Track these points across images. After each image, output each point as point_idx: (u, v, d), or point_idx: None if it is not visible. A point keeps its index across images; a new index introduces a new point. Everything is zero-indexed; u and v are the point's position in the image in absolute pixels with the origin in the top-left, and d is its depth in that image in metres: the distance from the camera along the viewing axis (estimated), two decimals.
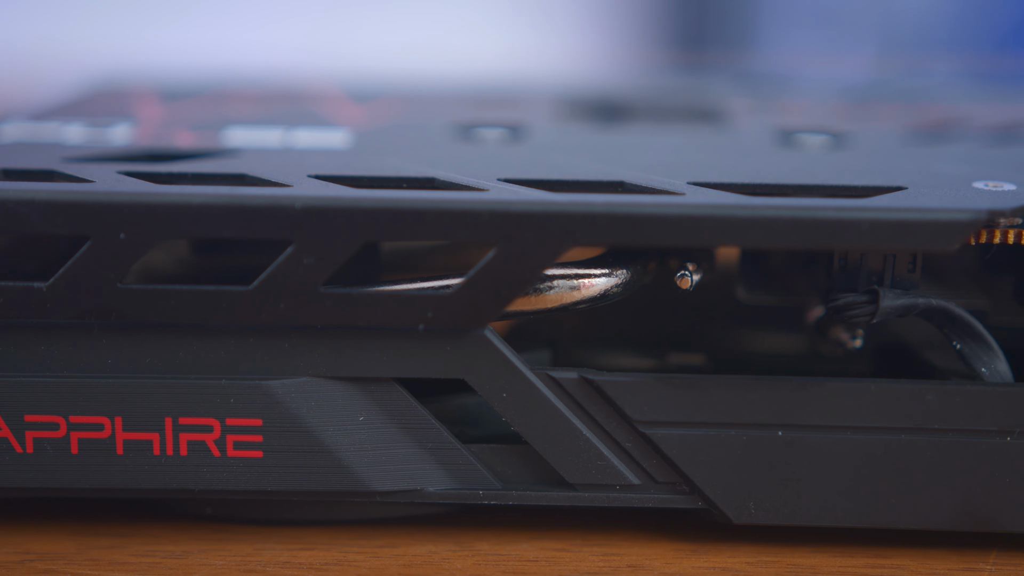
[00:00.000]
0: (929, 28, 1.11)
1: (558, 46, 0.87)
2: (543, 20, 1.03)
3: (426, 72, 0.43)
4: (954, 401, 0.25)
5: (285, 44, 0.53)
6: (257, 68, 0.43)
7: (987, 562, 0.26)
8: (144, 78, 0.41)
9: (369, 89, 0.39)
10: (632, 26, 1.11)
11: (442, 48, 0.54)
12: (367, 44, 0.58)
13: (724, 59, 0.85)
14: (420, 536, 0.27)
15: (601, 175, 0.27)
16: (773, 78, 0.45)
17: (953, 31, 1.11)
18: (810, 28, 1.12)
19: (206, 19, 0.91)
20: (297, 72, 0.42)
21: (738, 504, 0.26)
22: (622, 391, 0.25)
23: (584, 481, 0.26)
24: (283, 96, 0.38)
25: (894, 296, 0.26)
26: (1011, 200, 0.25)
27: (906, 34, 1.12)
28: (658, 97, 0.39)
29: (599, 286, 0.26)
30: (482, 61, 0.46)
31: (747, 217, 0.24)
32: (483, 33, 0.96)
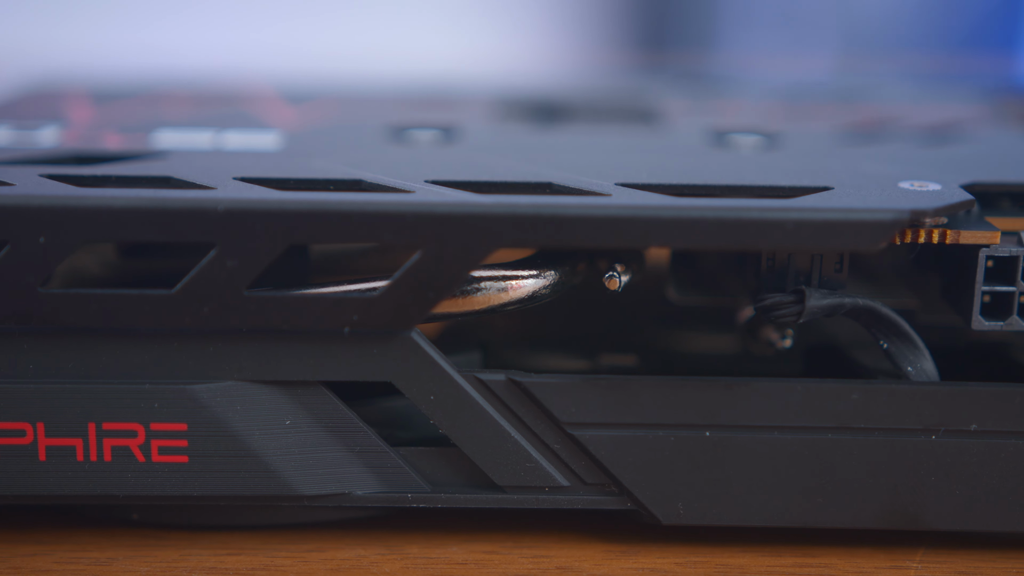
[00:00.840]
0: (889, 28, 1.12)
1: (501, 47, 0.87)
2: (487, 20, 1.03)
3: (365, 73, 0.42)
4: (879, 400, 0.25)
5: (221, 45, 0.53)
6: (192, 69, 0.42)
7: (914, 560, 0.26)
8: (76, 80, 0.40)
9: (304, 90, 0.39)
10: (583, 26, 1.11)
11: (382, 49, 0.53)
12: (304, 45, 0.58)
13: (679, 59, 0.85)
14: (349, 540, 0.26)
15: (530, 176, 0.27)
16: (713, 78, 0.45)
17: (913, 31, 1.12)
18: (768, 28, 1.13)
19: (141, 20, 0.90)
20: (232, 74, 0.41)
21: (667, 505, 0.26)
22: (550, 393, 0.25)
23: (513, 483, 0.26)
24: (217, 98, 0.38)
25: (820, 296, 0.26)
26: (934, 200, 0.25)
27: (865, 34, 1.13)
28: (597, 98, 0.39)
29: (528, 288, 0.26)
30: (423, 62, 0.46)
31: (672, 218, 0.24)
32: (425, 34, 0.96)
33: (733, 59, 0.91)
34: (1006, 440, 0.25)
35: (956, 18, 1.12)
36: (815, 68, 0.79)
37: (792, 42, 1.11)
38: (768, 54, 1.07)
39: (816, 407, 0.25)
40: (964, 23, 1.13)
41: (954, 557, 0.26)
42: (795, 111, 0.37)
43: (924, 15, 1.11)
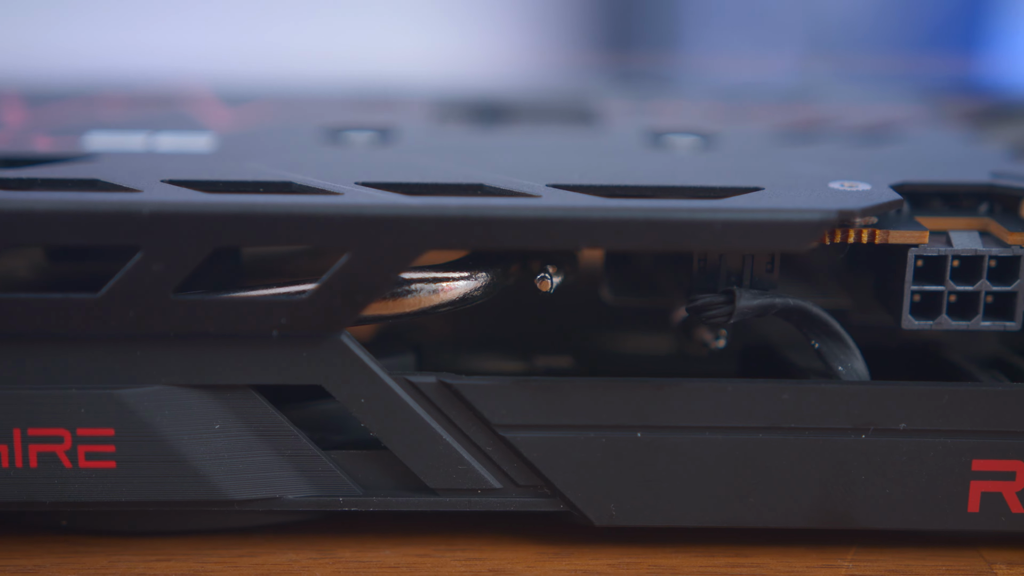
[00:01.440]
0: (834, 28, 1.13)
1: (446, 48, 0.86)
2: (431, 21, 1.03)
3: (305, 74, 0.42)
4: (810, 400, 0.25)
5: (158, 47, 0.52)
6: (128, 71, 0.42)
7: (846, 558, 0.26)
8: (7, 82, 0.40)
9: (242, 92, 0.38)
10: (530, 26, 1.11)
11: (323, 50, 0.53)
12: (243, 47, 0.58)
13: (626, 60, 0.85)
14: (280, 544, 0.26)
15: (462, 178, 0.27)
16: (657, 79, 0.45)
17: (857, 31, 1.13)
18: (718, 28, 1.13)
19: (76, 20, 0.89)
20: (169, 75, 0.41)
21: (599, 506, 0.26)
22: (481, 395, 0.25)
23: (445, 486, 0.26)
24: (153, 100, 0.37)
25: (751, 296, 0.26)
26: (862, 200, 0.25)
27: (812, 34, 1.13)
28: (539, 99, 0.39)
29: (460, 289, 0.26)
30: (365, 63, 0.46)
31: (600, 219, 0.24)
32: (368, 34, 0.95)
33: (679, 59, 0.91)
34: (935, 438, 0.26)
35: (900, 18, 1.13)
36: (764, 68, 0.79)
37: (741, 42, 1.11)
38: (717, 54, 1.08)
39: (747, 407, 0.25)
40: (907, 23, 1.14)
41: (885, 556, 0.26)
42: (736, 111, 0.37)
43: (870, 15, 1.12)
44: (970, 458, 0.26)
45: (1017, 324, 0.26)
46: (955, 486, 0.26)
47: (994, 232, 0.27)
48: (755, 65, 0.76)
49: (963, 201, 0.28)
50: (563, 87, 0.41)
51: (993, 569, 0.26)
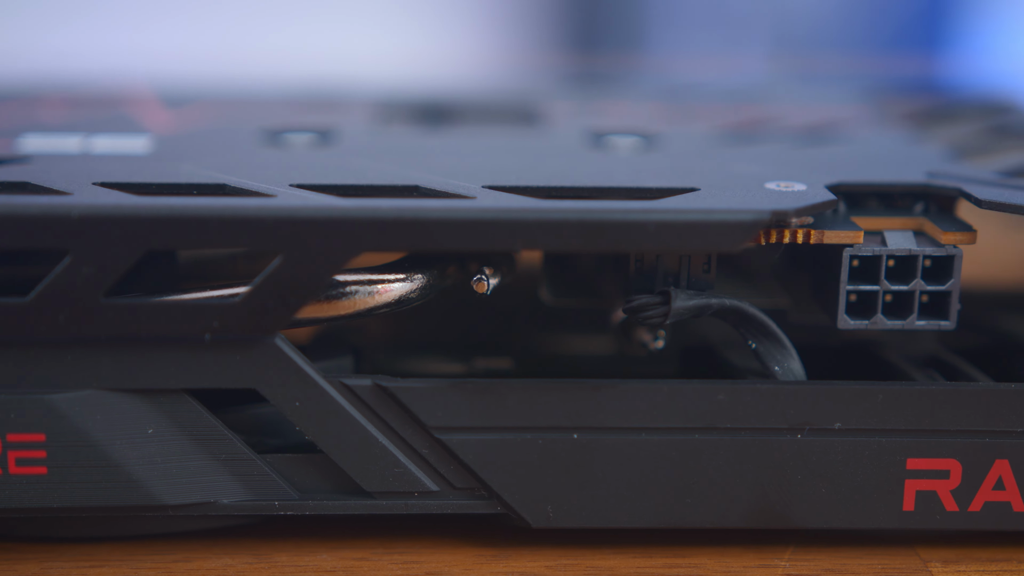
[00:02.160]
0: (803, 28, 1.14)
1: (392, 48, 0.86)
2: (378, 21, 1.03)
3: (248, 76, 0.42)
4: (745, 400, 0.25)
5: (99, 47, 0.52)
6: (68, 72, 0.41)
7: (783, 558, 0.26)
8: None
9: (184, 94, 0.38)
10: (478, 27, 1.11)
11: (267, 51, 0.53)
12: (186, 47, 0.57)
13: (576, 60, 0.85)
14: (216, 549, 0.26)
15: (398, 179, 0.27)
16: (604, 79, 0.45)
17: (824, 31, 1.13)
18: (668, 28, 1.14)
19: (15, 21, 0.88)
20: (110, 77, 0.41)
21: (536, 508, 0.26)
22: (416, 397, 0.25)
23: (381, 489, 0.26)
24: (92, 101, 0.37)
25: (687, 297, 0.26)
26: (796, 200, 0.25)
27: (798, 34, 1.14)
28: (483, 100, 0.39)
29: (396, 291, 0.26)
30: (310, 64, 0.46)
31: (533, 220, 0.24)
32: (312, 34, 0.95)
33: (630, 59, 0.91)
34: (869, 438, 0.26)
35: (848, 18, 1.14)
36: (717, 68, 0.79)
37: (695, 42, 1.12)
38: (671, 54, 1.08)
39: (682, 408, 0.25)
40: (855, 24, 1.14)
41: (822, 555, 0.26)
42: (681, 112, 0.37)
43: (819, 16, 1.13)
44: (904, 457, 0.26)
45: (952, 323, 0.26)
46: (890, 485, 0.26)
47: (929, 232, 0.27)
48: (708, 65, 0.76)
49: (899, 201, 0.28)
50: (509, 88, 0.41)
51: (928, 567, 0.26)
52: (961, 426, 0.26)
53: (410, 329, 0.31)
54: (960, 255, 0.26)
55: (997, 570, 0.26)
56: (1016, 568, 0.26)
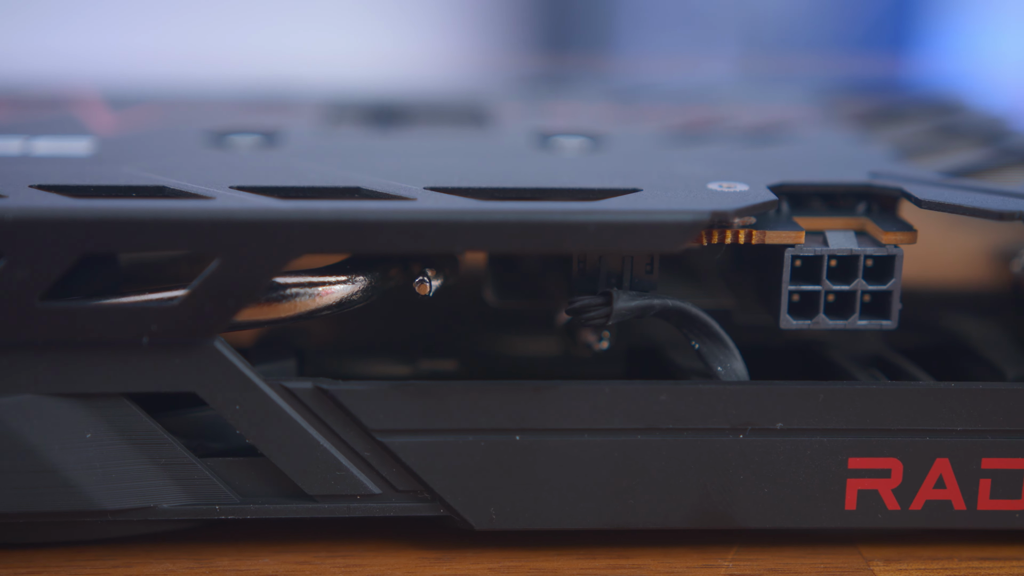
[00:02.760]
0: (789, 29, 1.14)
1: (343, 49, 0.86)
2: (330, 21, 1.02)
3: (197, 77, 0.42)
4: (687, 401, 0.25)
5: (44, 48, 0.51)
6: (11, 73, 0.41)
7: (726, 558, 0.26)
8: None
9: (130, 95, 0.38)
10: (431, 27, 1.11)
11: (216, 51, 0.53)
12: (134, 48, 0.57)
13: (529, 61, 0.85)
14: (157, 554, 0.26)
15: (340, 181, 0.27)
16: (556, 80, 0.45)
17: (806, 31, 1.14)
18: (623, 29, 1.14)
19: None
20: (54, 78, 0.40)
21: (479, 510, 0.26)
22: (357, 400, 0.25)
23: (323, 492, 0.25)
24: (37, 102, 0.37)
25: (629, 298, 0.26)
26: (737, 201, 0.25)
27: (767, 35, 1.15)
28: (433, 101, 0.39)
29: (338, 293, 0.26)
30: (261, 64, 0.45)
31: (473, 222, 0.24)
32: (264, 34, 0.94)
33: (585, 60, 0.92)
34: (811, 437, 0.26)
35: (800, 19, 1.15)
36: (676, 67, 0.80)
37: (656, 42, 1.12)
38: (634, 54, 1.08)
39: (624, 408, 0.25)
40: (808, 24, 1.15)
41: (765, 555, 0.26)
42: (631, 112, 0.37)
43: (770, 16, 1.14)
44: (846, 456, 0.26)
45: (893, 323, 0.26)
46: (832, 484, 0.26)
47: (871, 232, 0.27)
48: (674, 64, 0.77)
49: (842, 201, 0.28)
50: (462, 89, 0.41)
51: (870, 566, 0.26)
52: (902, 425, 0.26)
53: (357, 331, 0.31)
54: (901, 255, 0.26)
55: (938, 568, 0.26)
56: (957, 566, 0.26)
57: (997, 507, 0.26)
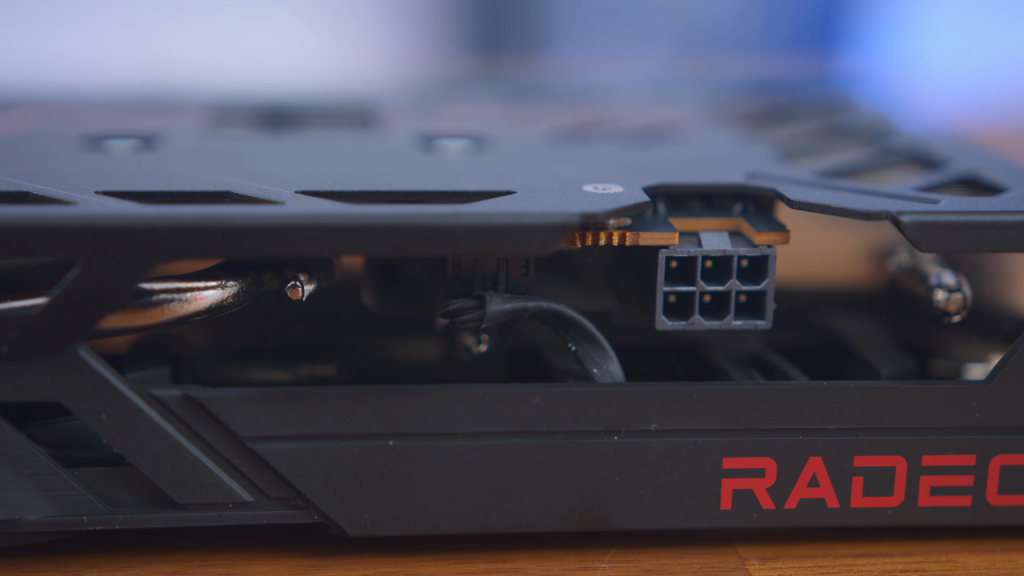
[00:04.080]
0: (724, 29, 1.15)
1: (233, 50, 0.85)
2: (222, 22, 1.01)
3: (81, 79, 0.41)
4: (560, 403, 0.25)
5: None
6: None
7: (604, 560, 0.26)
8: None
9: (13, 98, 0.37)
10: (329, 28, 1.10)
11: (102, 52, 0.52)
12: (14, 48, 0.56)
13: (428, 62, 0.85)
14: (22, 567, 0.25)
15: (211, 185, 0.26)
16: (451, 82, 0.45)
17: (743, 32, 1.15)
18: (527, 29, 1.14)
19: None
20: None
21: (353, 517, 0.25)
22: (227, 407, 0.25)
23: (194, 501, 0.25)
24: None
25: (502, 301, 0.26)
26: (608, 203, 0.25)
27: (702, 35, 1.15)
28: (321, 103, 0.38)
29: (209, 299, 0.25)
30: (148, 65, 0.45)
31: (341, 226, 0.24)
32: (151, 35, 0.93)
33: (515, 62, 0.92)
34: (685, 438, 0.26)
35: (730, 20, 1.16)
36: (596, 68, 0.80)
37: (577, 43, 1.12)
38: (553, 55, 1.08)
39: (498, 412, 0.25)
40: (704, 24, 1.16)
41: (643, 556, 0.26)
42: (521, 113, 0.37)
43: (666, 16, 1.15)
44: (720, 456, 0.26)
45: (768, 322, 0.27)
46: (707, 484, 0.26)
47: (745, 232, 0.27)
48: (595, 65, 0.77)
49: (719, 202, 0.28)
50: (355, 92, 0.41)
51: (746, 565, 0.26)
52: (775, 425, 0.26)
53: (236, 336, 0.31)
54: (774, 255, 0.26)
55: (813, 566, 0.26)
56: (832, 563, 0.26)
57: (870, 504, 0.26)
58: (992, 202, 0.26)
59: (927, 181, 0.29)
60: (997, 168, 0.30)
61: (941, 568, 0.26)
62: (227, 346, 0.30)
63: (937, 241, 0.25)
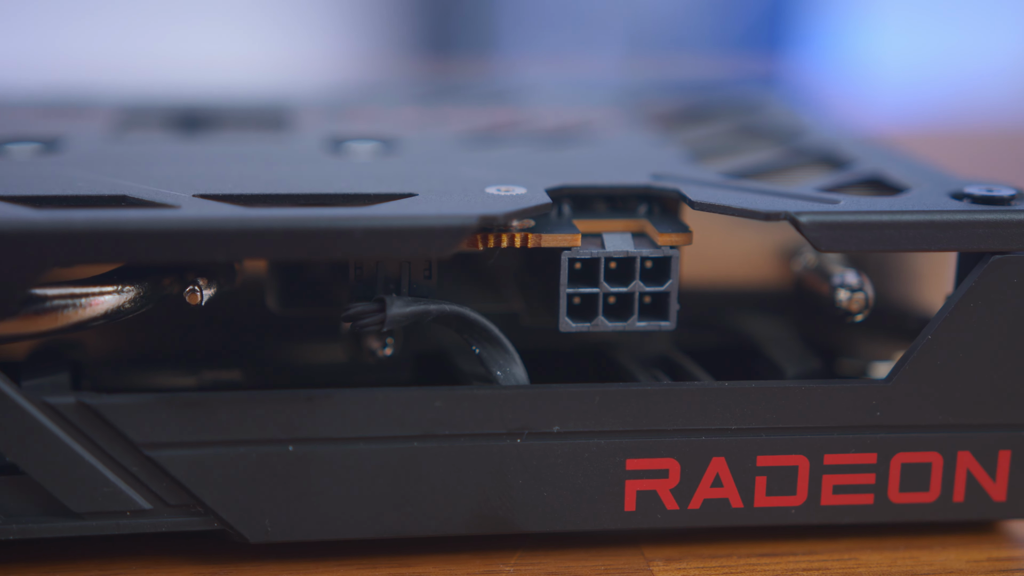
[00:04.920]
0: (673, 30, 1.16)
1: (147, 50, 0.84)
2: (135, 23, 1.00)
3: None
4: (462, 406, 0.25)
5: None
6: None
7: (509, 563, 0.26)
8: None
9: None
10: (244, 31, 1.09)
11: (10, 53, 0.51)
12: None
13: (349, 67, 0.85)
14: None
15: (107, 189, 0.26)
16: (368, 85, 0.44)
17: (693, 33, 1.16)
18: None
19: None
20: None
21: (253, 523, 0.25)
22: (123, 414, 0.24)
23: (91, 509, 0.25)
24: None
25: (403, 304, 0.26)
26: (508, 204, 0.25)
27: (652, 35, 1.16)
28: (233, 106, 0.38)
29: (107, 304, 0.25)
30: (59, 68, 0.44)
31: (234, 230, 0.23)
32: (64, 38, 0.92)
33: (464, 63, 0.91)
34: (588, 440, 0.26)
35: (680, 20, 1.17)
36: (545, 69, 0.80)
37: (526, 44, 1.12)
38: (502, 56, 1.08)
39: (399, 416, 0.25)
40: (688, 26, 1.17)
41: (548, 558, 0.26)
42: (436, 115, 0.37)
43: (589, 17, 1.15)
44: (624, 458, 0.26)
45: (672, 323, 0.27)
46: (611, 486, 0.26)
47: (649, 233, 0.27)
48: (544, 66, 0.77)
49: (624, 203, 0.28)
50: (267, 94, 0.40)
51: (651, 566, 0.26)
52: (678, 425, 0.26)
53: (140, 341, 0.30)
54: (677, 256, 0.26)
55: (717, 566, 0.26)
56: (736, 563, 0.26)
57: (773, 504, 0.26)
58: (890, 202, 0.26)
59: (831, 181, 0.29)
60: (901, 168, 0.30)
61: (844, 566, 0.26)
62: (131, 352, 0.30)
63: (835, 241, 0.25)
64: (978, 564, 0.26)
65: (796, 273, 0.31)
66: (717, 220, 0.28)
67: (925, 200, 0.27)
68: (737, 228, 0.31)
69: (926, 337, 0.26)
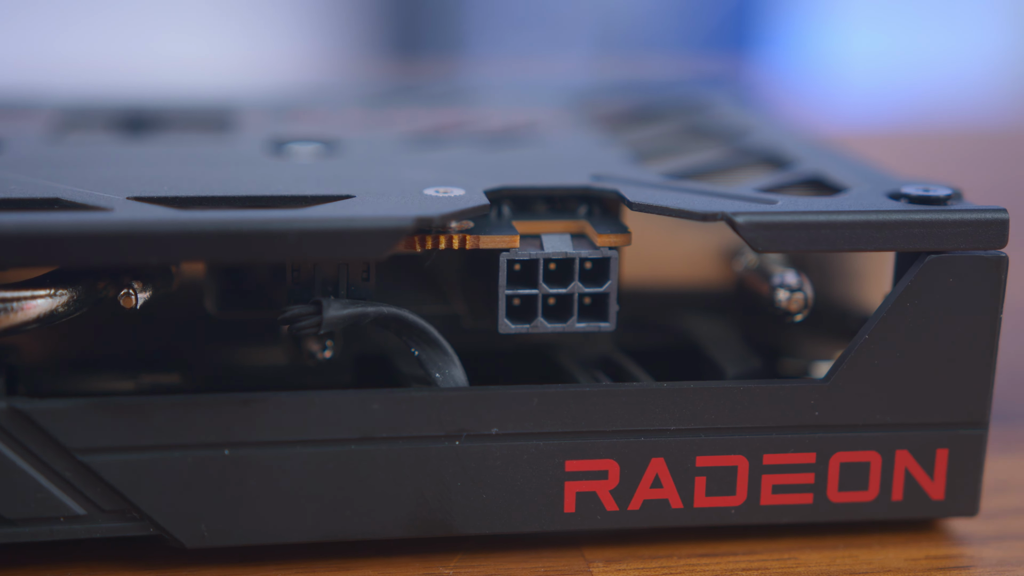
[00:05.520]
0: (641, 30, 1.16)
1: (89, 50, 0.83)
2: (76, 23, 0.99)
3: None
4: (400, 409, 0.25)
5: None
6: None
7: (448, 566, 0.26)
8: None
9: None
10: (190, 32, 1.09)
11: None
12: None
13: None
14: None
15: (40, 192, 0.26)
16: (315, 87, 0.44)
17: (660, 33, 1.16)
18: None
19: None
20: None
21: (189, 528, 0.25)
22: (55, 419, 0.24)
23: (24, 515, 0.24)
24: None
25: (340, 306, 0.25)
26: (444, 206, 0.25)
27: (620, 36, 1.16)
28: (177, 107, 0.38)
29: (40, 308, 0.25)
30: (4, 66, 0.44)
31: (166, 233, 0.23)
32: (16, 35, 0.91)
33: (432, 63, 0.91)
34: (527, 441, 0.26)
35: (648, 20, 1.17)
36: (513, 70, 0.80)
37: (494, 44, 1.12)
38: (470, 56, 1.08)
39: (337, 418, 0.25)
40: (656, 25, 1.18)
41: (488, 561, 0.26)
42: (381, 116, 0.37)
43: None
44: (563, 459, 0.26)
45: (611, 324, 0.27)
46: (550, 487, 0.26)
47: (589, 234, 0.27)
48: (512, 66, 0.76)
49: (565, 204, 0.28)
50: (213, 95, 0.40)
51: (591, 567, 0.26)
52: (617, 426, 0.26)
53: (79, 346, 0.30)
54: (616, 257, 0.26)
55: (657, 567, 0.26)
56: (676, 564, 0.26)
57: (712, 504, 0.26)
58: (828, 202, 0.26)
59: (772, 181, 0.29)
60: (842, 168, 0.30)
61: (783, 565, 0.26)
62: (69, 356, 0.30)
63: (772, 241, 0.25)
64: (916, 562, 0.27)
65: (737, 273, 0.31)
66: (658, 221, 0.28)
67: (862, 200, 0.27)
68: (679, 229, 0.31)
69: (863, 337, 0.26)
